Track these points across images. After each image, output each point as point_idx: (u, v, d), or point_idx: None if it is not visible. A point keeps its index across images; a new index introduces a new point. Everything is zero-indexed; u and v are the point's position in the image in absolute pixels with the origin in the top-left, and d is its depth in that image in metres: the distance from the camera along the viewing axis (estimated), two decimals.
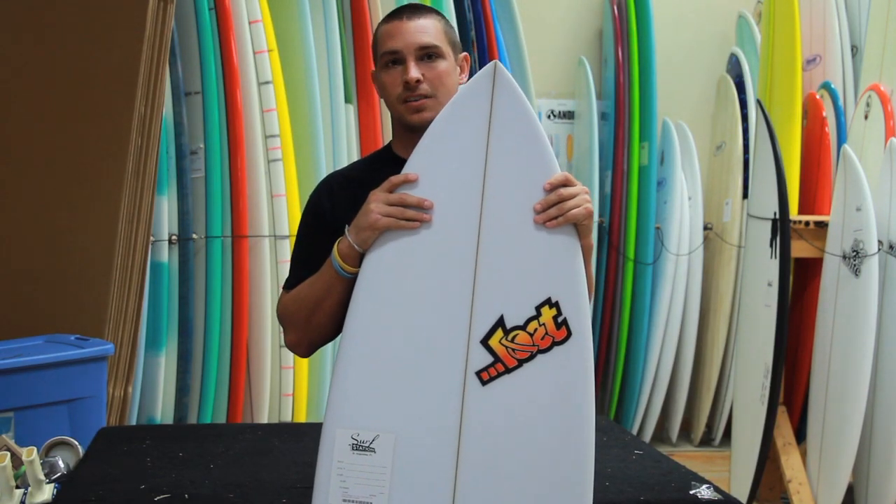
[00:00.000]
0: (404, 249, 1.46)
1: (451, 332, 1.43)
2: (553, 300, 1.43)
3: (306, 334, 1.64)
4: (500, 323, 1.43)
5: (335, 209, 1.65)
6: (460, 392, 1.42)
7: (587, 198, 1.47)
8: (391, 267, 1.46)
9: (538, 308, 1.42)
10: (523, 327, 1.42)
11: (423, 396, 1.43)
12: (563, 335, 1.42)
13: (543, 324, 1.43)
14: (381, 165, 1.67)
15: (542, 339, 1.43)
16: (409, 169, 1.48)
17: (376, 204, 1.47)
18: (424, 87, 1.61)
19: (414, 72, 1.60)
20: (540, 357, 1.42)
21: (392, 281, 1.45)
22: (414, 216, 1.45)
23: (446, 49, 1.64)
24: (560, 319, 1.43)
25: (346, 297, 1.50)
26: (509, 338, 1.43)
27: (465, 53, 1.71)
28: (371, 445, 1.43)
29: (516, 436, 1.43)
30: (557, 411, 1.43)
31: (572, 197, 1.45)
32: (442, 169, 1.46)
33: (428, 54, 1.61)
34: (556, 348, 1.42)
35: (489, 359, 1.43)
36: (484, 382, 1.42)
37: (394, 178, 1.48)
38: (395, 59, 1.62)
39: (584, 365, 1.43)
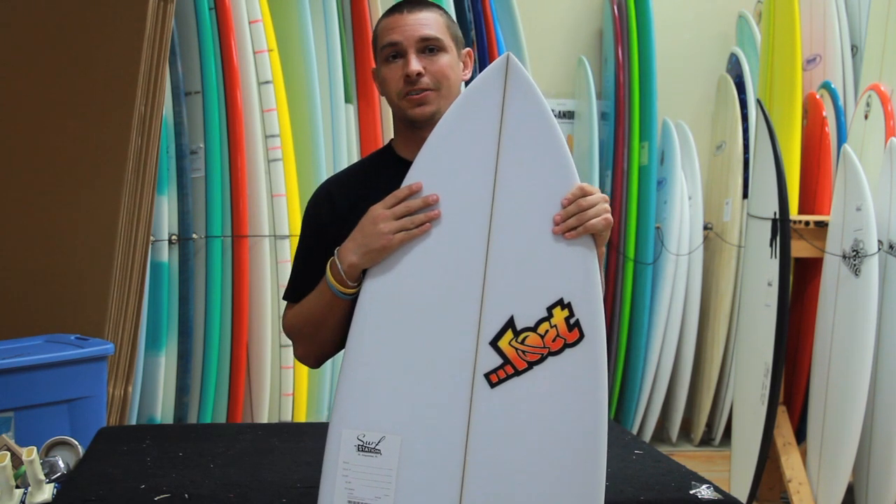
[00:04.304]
0: (412, 248, 1.42)
1: (460, 333, 1.39)
2: (565, 301, 1.38)
3: (314, 348, 1.62)
4: (510, 324, 1.38)
5: (336, 218, 1.59)
6: (468, 394, 1.39)
7: (606, 207, 1.42)
8: (399, 266, 1.42)
9: (550, 309, 1.38)
10: (534, 329, 1.38)
11: (430, 398, 1.40)
12: (576, 337, 1.38)
13: (555, 325, 1.38)
14: (383, 166, 1.62)
15: (554, 341, 1.38)
16: (415, 168, 1.43)
17: (385, 223, 1.41)
18: (426, 81, 1.54)
19: (415, 64, 1.53)
20: (551, 360, 1.38)
21: (400, 280, 1.41)
22: (424, 218, 1.41)
23: (448, 43, 1.57)
24: (573, 321, 1.38)
25: (351, 312, 1.45)
26: (519, 339, 1.38)
27: (468, 49, 1.65)
28: (377, 447, 1.40)
29: (525, 440, 1.39)
30: (568, 416, 1.39)
31: (591, 206, 1.39)
32: (450, 166, 1.41)
33: (429, 47, 1.55)
34: (567, 350, 1.38)
35: (498, 361, 1.38)
36: (493, 385, 1.39)
37: (398, 193, 1.42)
38: (396, 53, 1.56)
39: (597, 368, 1.39)
